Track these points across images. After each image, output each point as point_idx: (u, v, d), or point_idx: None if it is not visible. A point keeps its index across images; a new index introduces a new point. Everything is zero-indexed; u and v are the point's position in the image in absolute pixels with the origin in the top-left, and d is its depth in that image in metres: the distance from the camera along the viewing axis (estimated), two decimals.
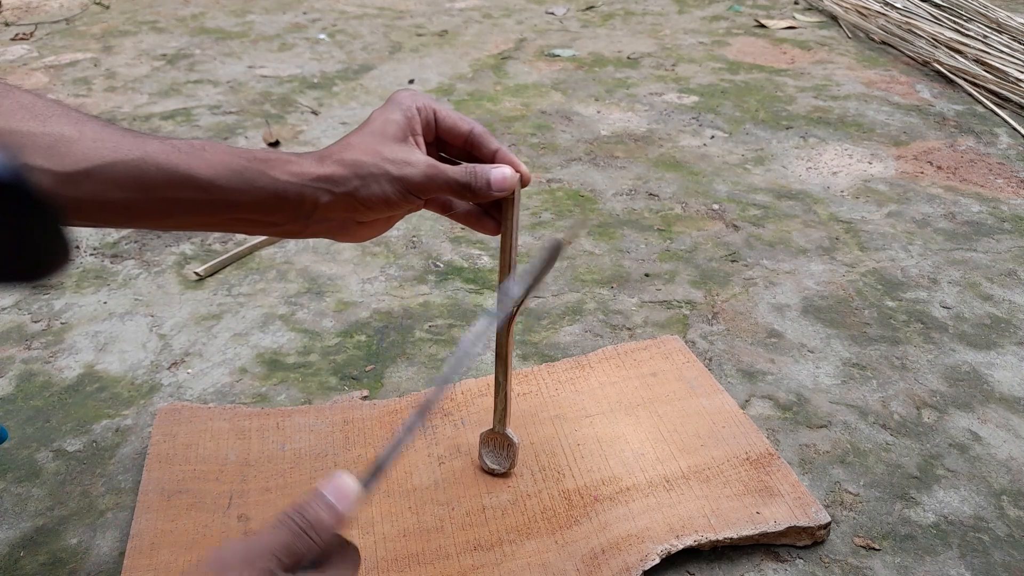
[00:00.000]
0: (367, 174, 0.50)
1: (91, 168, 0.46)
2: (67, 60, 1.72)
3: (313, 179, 0.49)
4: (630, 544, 0.57)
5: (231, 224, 0.51)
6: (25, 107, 0.46)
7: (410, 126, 0.52)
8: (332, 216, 0.51)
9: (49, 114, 0.47)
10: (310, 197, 0.50)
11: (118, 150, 0.47)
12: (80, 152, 0.46)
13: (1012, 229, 1.05)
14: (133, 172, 0.46)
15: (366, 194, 0.50)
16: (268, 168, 0.49)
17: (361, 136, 0.51)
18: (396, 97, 0.53)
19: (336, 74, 1.64)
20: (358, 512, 0.61)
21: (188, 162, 0.48)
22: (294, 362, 0.80)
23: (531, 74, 1.65)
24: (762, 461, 0.65)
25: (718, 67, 1.68)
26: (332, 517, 0.39)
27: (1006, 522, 0.62)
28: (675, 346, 0.79)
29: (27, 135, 0.45)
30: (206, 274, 0.95)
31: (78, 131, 0.46)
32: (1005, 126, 1.37)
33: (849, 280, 0.93)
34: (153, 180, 0.47)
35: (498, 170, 0.53)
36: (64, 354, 0.81)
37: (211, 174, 0.48)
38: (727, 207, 1.11)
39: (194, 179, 0.48)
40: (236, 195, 0.49)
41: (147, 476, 0.64)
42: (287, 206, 0.50)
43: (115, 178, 0.46)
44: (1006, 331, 0.85)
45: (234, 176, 0.48)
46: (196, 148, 0.48)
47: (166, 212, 0.49)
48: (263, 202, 0.49)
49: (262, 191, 0.49)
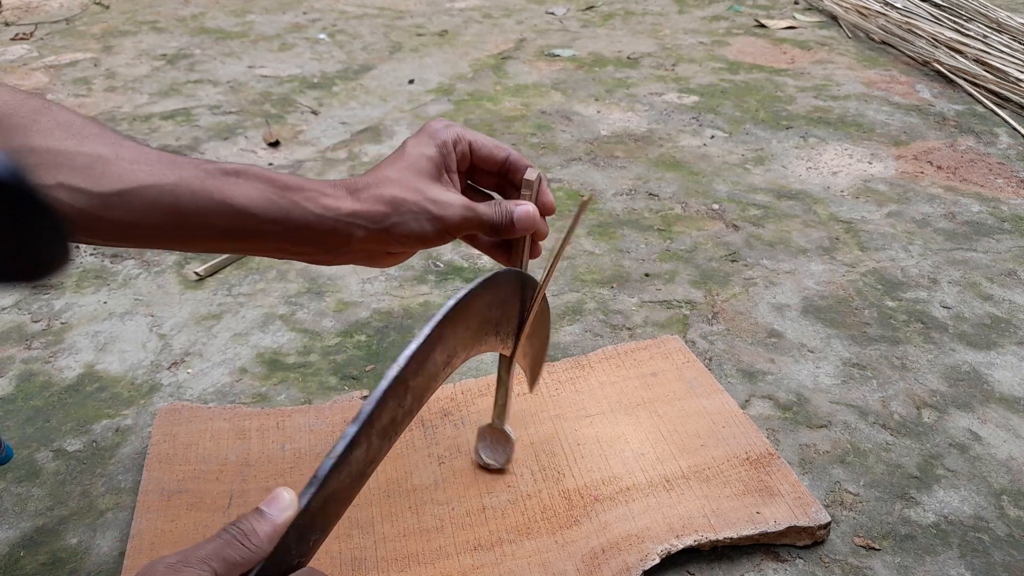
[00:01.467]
0: (406, 211, 0.50)
1: (126, 190, 0.46)
2: (67, 60, 1.72)
3: (349, 214, 0.49)
4: (630, 544, 0.57)
5: (260, 251, 0.51)
6: (63, 125, 0.46)
7: (445, 162, 0.53)
8: (363, 248, 0.51)
9: (87, 133, 0.47)
10: (344, 232, 0.49)
11: (153, 174, 0.47)
12: (116, 174, 0.46)
13: (1012, 229, 1.05)
14: (167, 197, 0.47)
15: (403, 231, 0.50)
16: (303, 199, 0.49)
17: (397, 171, 0.51)
18: (430, 128, 0.53)
19: (336, 74, 1.64)
20: (351, 510, 0.61)
21: (223, 189, 0.48)
22: (294, 362, 0.80)
23: (531, 74, 1.65)
24: (762, 461, 0.65)
25: (718, 67, 1.68)
26: (266, 526, 0.39)
27: (1006, 522, 0.62)
28: (675, 346, 0.79)
29: (64, 154, 0.45)
30: (206, 274, 0.95)
31: (115, 152, 0.47)
32: (1005, 126, 1.37)
33: (849, 280, 0.94)
34: (187, 206, 0.47)
35: (521, 208, 0.53)
36: (64, 354, 0.81)
37: (245, 202, 0.48)
38: (727, 207, 1.11)
39: (227, 207, 0.48)
40: (269, 225, 0.48)
41: (147, 476, 0.64)
42: (320, 239, 0.50)
43: (150, 201, 0.46)
44: (1006, 331, 0.85)
45: (269, 206, 0.48)
46: (230, 174, 0.48)
47: (197, 237, 0.49)
48: (296, 234, 0.49)
49: (295, 222, 0.49)
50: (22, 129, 0.45)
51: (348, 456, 0.40)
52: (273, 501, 0.40)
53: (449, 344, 0.47)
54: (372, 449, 0.42)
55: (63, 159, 0.45)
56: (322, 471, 0.39)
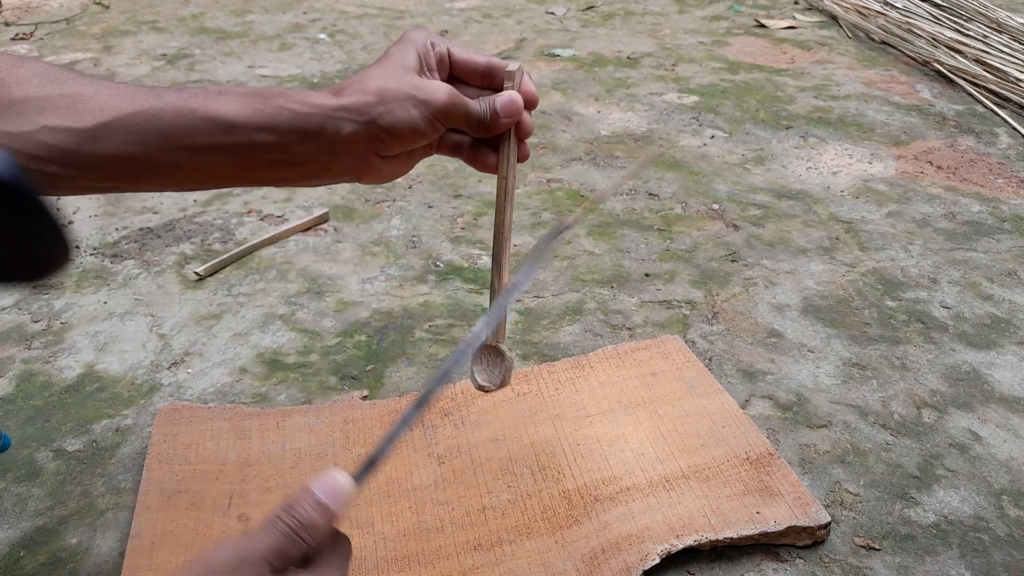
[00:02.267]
0: (392, 99, 0.49)
1: (110, 121, 0.46)
2: (67, 60, 1.72)
3: (335, 109, 0.48)
4: (630, 544, 0.57)
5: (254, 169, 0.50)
6: (40, 73, 0.46)
7: (426, 61, 0.52)
8: (355, 149, 0.50)
9: (64, 78, 0.47)
10: (332, 128, 0.49)
11: (135, 101, 0.46)
12: (98, 107, 0.46)
13: (1012, 229, 1.05)
14: (153, 121, 0.46)
15: (391, 120, 0.49)
16: (286, 102, 0.48)
17: (380, 67, 0.51)
18: (409, 35, 0.53)
19: (336, 74, 1.64)
20: (351, 510, 0.61)
21: (206, 105, 0.47)
22: (294, 362, 0.80)
23: (531, 74, 1.64)
24: (762, 461, 0.65)
25: (718, 67, 1.68)
26: (324, 517, 0.38)
27: (1006, 522, 0.62)
28: (675, 346, 0.79)
29: (44, 99, 0.45)
30: (206, 274, 0.95)
31: (94, 89, 0.46)
32: (1005, 126, 1.37)
33: (849, 280, 0.94)
34: (173, 127, 0.47)
35: (504, 95, 0.52)
36: (64, 354, 0.81)
37: (230, 113, 0.47)
38: (727, 207, 1.11)
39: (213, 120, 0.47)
40: (257, 133, 0.48)
41: (147, 476, 0.64)
42: (309, 138, 0.49)
43: (135, 129, 0.46)
44: (1006, 331, 0.85)
45: (254, 113, 0.48)
46: (212, 92, 0.48)
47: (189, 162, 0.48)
48: (285, 137, 0.48)
49: (283, 125, 0.48)
50: (1, 83, 0.45)
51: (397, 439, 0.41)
52: (329, 488, 0.38)
53: None
54: None
55: (44, 103, 0.45)
56: (379, 453, 0.40)
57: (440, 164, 1.22)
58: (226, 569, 0.35)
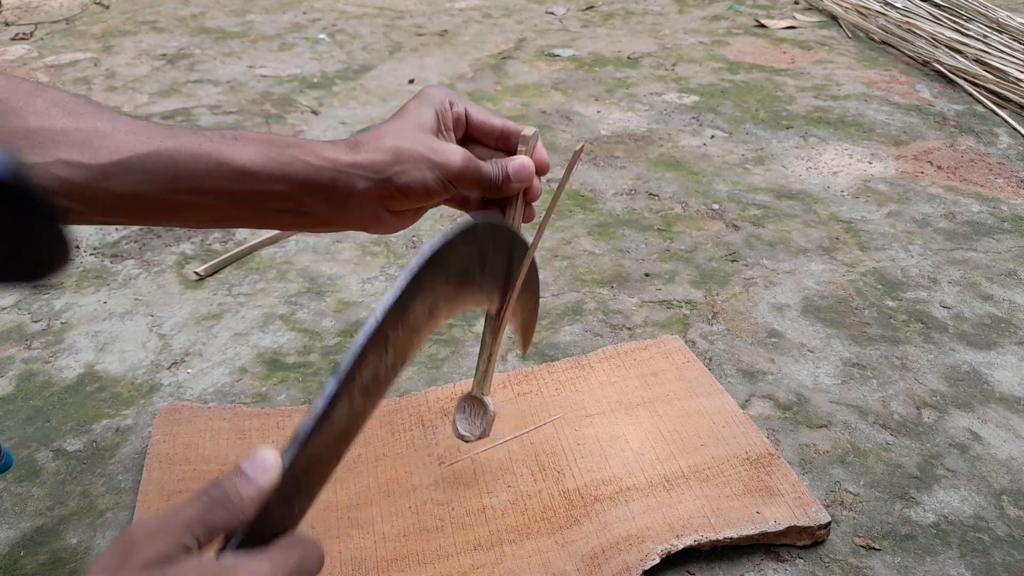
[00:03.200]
0: (408, 159, 0.49)
1: (125, 160, 0.46)
2: (67, 60, 1.72)
3: (349, 165, 0.49)
4: (630, 544, 0.57)
5: (264, 217, 0.50)
6: (58, 104, 0.46)
7: (442, 120, 0.52)
8: (366, 204, 0.50)
9: (82, 111, 0.47)
10: (345, 183, 0.49)
11: (151, 142, 0.47)
12: (114, 145, 0.46)
13: (1012, 229, 1.05)
14: (167, 163, 0.46)
15: (405, 181, 0.49)
16: (301, 153, 0.48)
17: (397, 124, 0.51)
18: (427, 92, 0.53)
19: (336, 74, 1.64)
20: (351, 510, 0.61)
21: (221, 150, 0.47)
22: (294, 362, 0.80)
23: (531, 74, 1.65)
24: (762, 461, 0.65)
25: (718, 67, 1.68)
26: (250, 488, 0.37)
27: (1006, 522, 0.62)
28: (675, 346, 0.79)
29: (60, 132, 0.45)
30: (206, 274, 0.95)
31: (111, 126, 0.46)
32: (1005, 126, 1.37)
33: (849, 280, 0.94)
34: (188, 170, 0.47)
35: (517, 160, 0.53)
36: (64, 354, 0.81)
37: (245, 161, 0.47)
38: (727, 207, 1.11)
39: (228, 166, 0.47)
40: (270, 182, 0.48)
41: (147, 476, 0.64)
42: (321, 191, 0.49)
43: (150, 169, 0.46)
44: (1006, 331, 0.85)
45: (268, 162, 0.48)
46: (228, 137, 0.48)
47: (200, 205, 0.48)
48: (298, 189, 0.48)
49: (297, 176, 0.48)
50: (18, 112, 0.45)
51: (330, 413, 0.38)
52: (255, 462, 0.38)
53: (429, 295, 0.46)
54: (355, 407, 0.40)
55: (60, 136, 0.45)
56: (303, 429, 0.38)
57: None
58: (144, 536, 0.35)
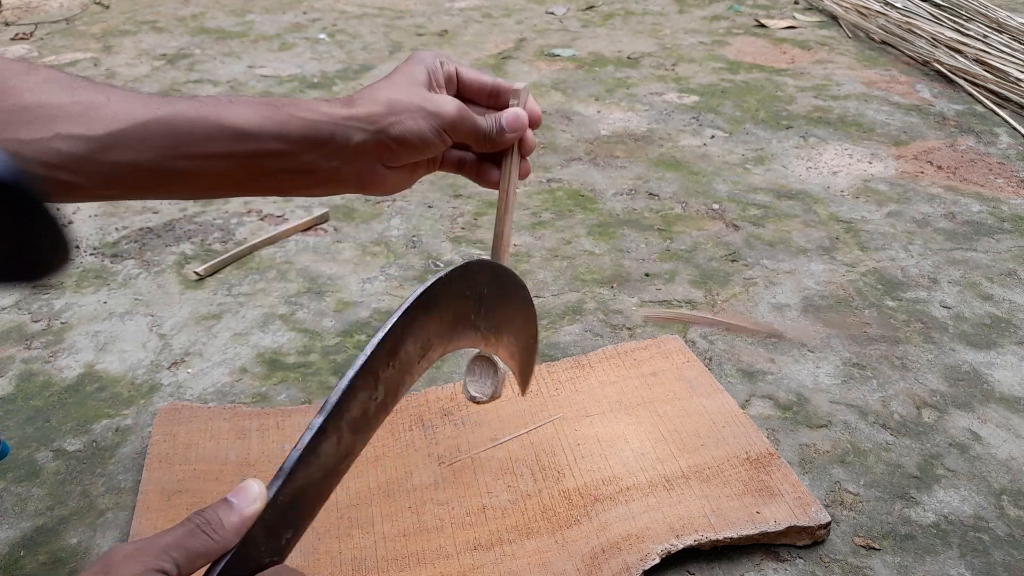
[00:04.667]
0: (403, 110, 0.51)
1: (123, 129, 0.46)
2: (67, 60, 1.72)
3: (345, 118, 0.50)
4: (630, 544, 0.57)
5: (262, 178, 0.51)
6: (52, 81, 0.47)
7: (435, 77, 0.53)
8: (363, 158, 0.51)
9: (76, 86, 0.47)
10: (342, 136, 0.50)
11: (148, 110, 0.47)
12: (110, 115, 0.46)
13: (1012, 229, 1.05)
14: (165, 129, 0.47)
15: (401, 130, 0.51)
16: (297, 111, 0.49)
17: (390, 81, 0.52)
18: (417, 54, 0.54)
19: (336, 74, 1.64)
20: (351, 510, 0.61)
21: (218, 112, 0.48)
22: (294, 362, 0.80)
23: (531, 74, 1.65)
24: (762, 461, 0.65)
25: (718, 67, 1.68)
26: (233, 517, 0.37)
27: (1006, 522, 0.62)
28: (675, 346, 0.79)
29: (57, 106, 0.46)
30: (206, 274, 0.95)
31: (106, 97, 0.47)
32: (1005, 126, 1.37)
33: (849, 280, 0.94)
34: (185, 135, 0.47)
35: (510, 111, 0.54)
36: (64, 354, 0.81)
37: (241, 121, 0.48)
38: (727, 207, 1.11)
39: (225, 128, 0.48)
40: (269, 141, 0.49)
41: (147, 476, 0.64)
42: (319, 146, 0.50)
43: (147, 137, 0.47)
44: (1006, 331, 0.85)
45: (265, 121, 0.49)
46: (224, 101, 0.49)
47: (200, 171, 0.49)
48: (296, 145, 0.49)
49: (294, 133, 0.49)
50: (13, 90, 0.46)
51: (316, 448, 0.38)
52: (241, 492, 0.38)
53: (421, 334, 0.46)
54: (344, 443, 0.40)
55: (57, 111, 0.45)
56: (288, 463, 0.38)
57: None
58: (121, 557, 0.35)
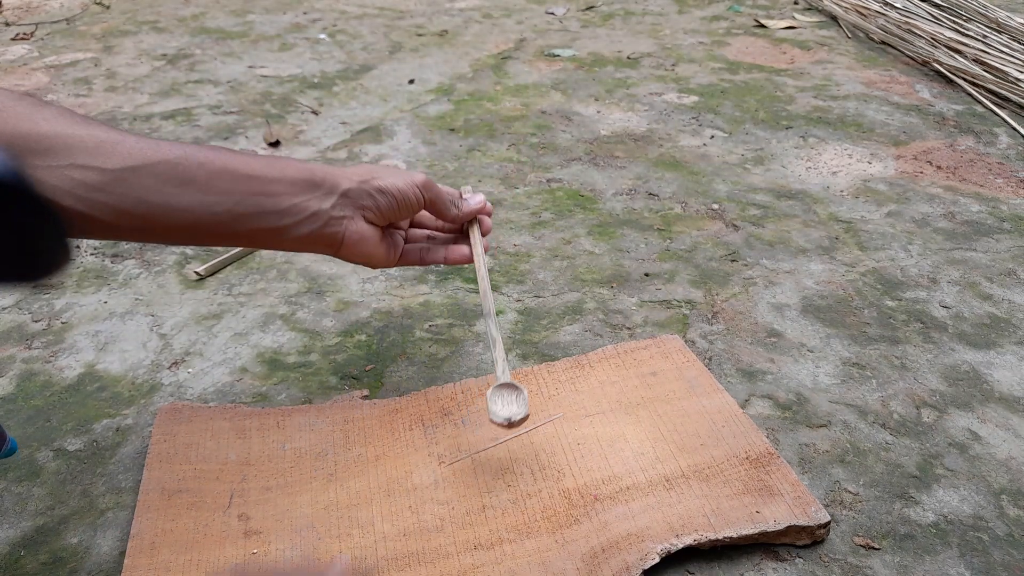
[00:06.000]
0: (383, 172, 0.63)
1: (137, 166, 0.50)
2: (67, 60, 1.72)
3: (335, 170, 0.61)
4: (630, 543, 0.57)
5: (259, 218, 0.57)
6: (65, 115, 0.50)
7: None
8: (348, 204, 0.60)
9: (90, 122, 0.51)
10: (331, 181, 0.60)
11: (159, 152, 0.52)
12: (125, 151, 0.50)
13: (1012, 229, 1.05)
14: (175, 169, 0.52)
15: (382, 183, 0.61)
16: (294, 162, 0.60)
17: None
18: None
19: (336, 74, 1.64)
20: (351, 509, 0.61)
21: (223, 158, 0.55)
22: (294, 361, 0.80)
23: (531, 74, 1.65)
24: (762, 460, 0.65)
25: (718, 67, 1.68)
26: None
27: (1006, 521, 0.62)
28: (675, 345, 0.79)
29: (74, 136, 0.49)
30: (206, 274, 0.95)
31: (120, 136, 0.51)
32: (1005, 126, 1.37)
33: (849, 280, 0.94)
34: (194, 175, 0.53)
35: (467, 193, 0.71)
36: (65, 354, 0.81)
37: (246, 169, 0.56)
38: (727, 207, 1.11)
39: (232, 171, 0.55)
40: (270, 183, 0.57)
41: (147, 475, 0.64)
42: (312, 188, 0.59)
43: (159, 174, 0.51)
44: (1006, 331, 0.85)
45: (267, 167, 0.57)
46: (228, 150, 0.57)
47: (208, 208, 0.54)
48: (292, 186, 0.58)
49: (291, 175, 0.58)
50: (28, 118, 0.49)
51: None
52: None
53: None
54: None
55: (73, 141, 0.48)
56: None
57: (440, 164, 1.22)
58: None
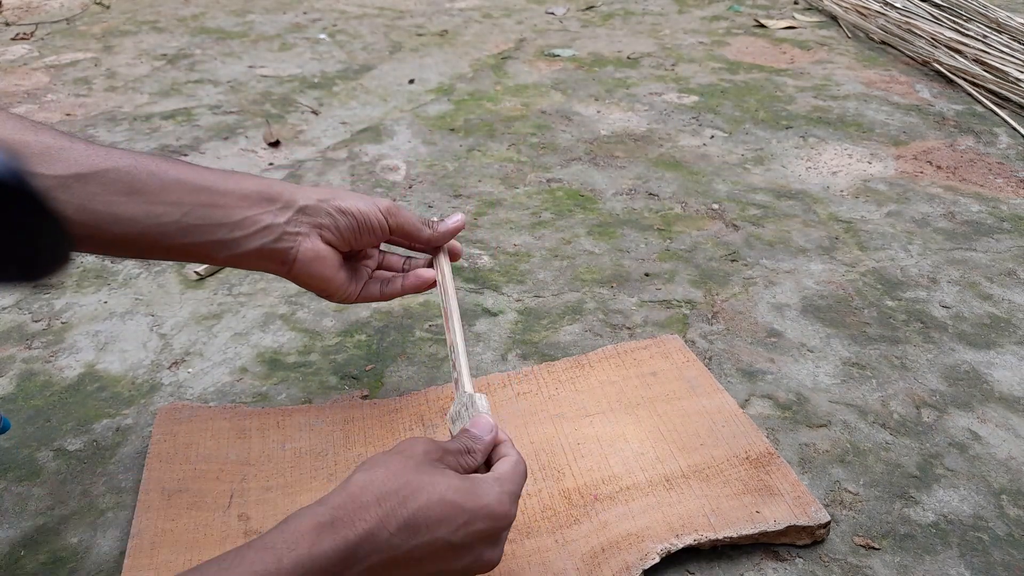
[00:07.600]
0: (345, 193, 0.61)
1: (84, 173, 0.48)
2: (67, 60, 1.72)
3: (295, 187, 0.59)
4: (630, 543, 0.57)
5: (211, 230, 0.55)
6: (15, 120, 0.49)
7: None
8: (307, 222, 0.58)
9: (40, 129, 0.50)
10: (289, 196, 0.57)
11: (110, 159, 0.50)
12: (72, 158, 0.49)
13: (1012, 229, 1.05)
14: (124, 178, 0.50)
15: (343, 204, 0.59)
16: (252, 177, 0.57)
17: None
18: None
19: (336, 74, 1.64)
20: None
21: (178, 168, 0.53)
22: (294, 361, 0.80)
23: (531, 74, 1.65)
24: (762, 460, 0.65)
25: (718, 67, 1.68)
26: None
27: (1006, 521, 0.62)
28: (675, 345, 0.79)
29: (20, 143, 0.47)
30: (206, 273, 0.95)
31: (69, 143, 0.49)
32: (1005, 126, 1.37)
33: (849, 280, 0.94)
34: (144, 184, 0.51)
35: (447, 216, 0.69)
36: (65, 353, 0.81)
37: (200, 180, 0.53)
38: (727, 207, 1.11)
39: (185, 183, 0.53)
40: (224, 195, 0.54)
41: (148, 475, 0.64)
42: (267, 202, 0.57)
43: (108, 182, 0.49)
44: (1006, 330, 0.85)
45: (223, 180, 0.55)
46: (184, 162, 0.55)
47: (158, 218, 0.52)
48: (247, 201, 0.55)
49: (248, 189, 0.56)
50: None
51: None
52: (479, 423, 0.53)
53: None
54: None
55: (19, 147, 0.47)
56: None
57: (440, 163, 1.22)
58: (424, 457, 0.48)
